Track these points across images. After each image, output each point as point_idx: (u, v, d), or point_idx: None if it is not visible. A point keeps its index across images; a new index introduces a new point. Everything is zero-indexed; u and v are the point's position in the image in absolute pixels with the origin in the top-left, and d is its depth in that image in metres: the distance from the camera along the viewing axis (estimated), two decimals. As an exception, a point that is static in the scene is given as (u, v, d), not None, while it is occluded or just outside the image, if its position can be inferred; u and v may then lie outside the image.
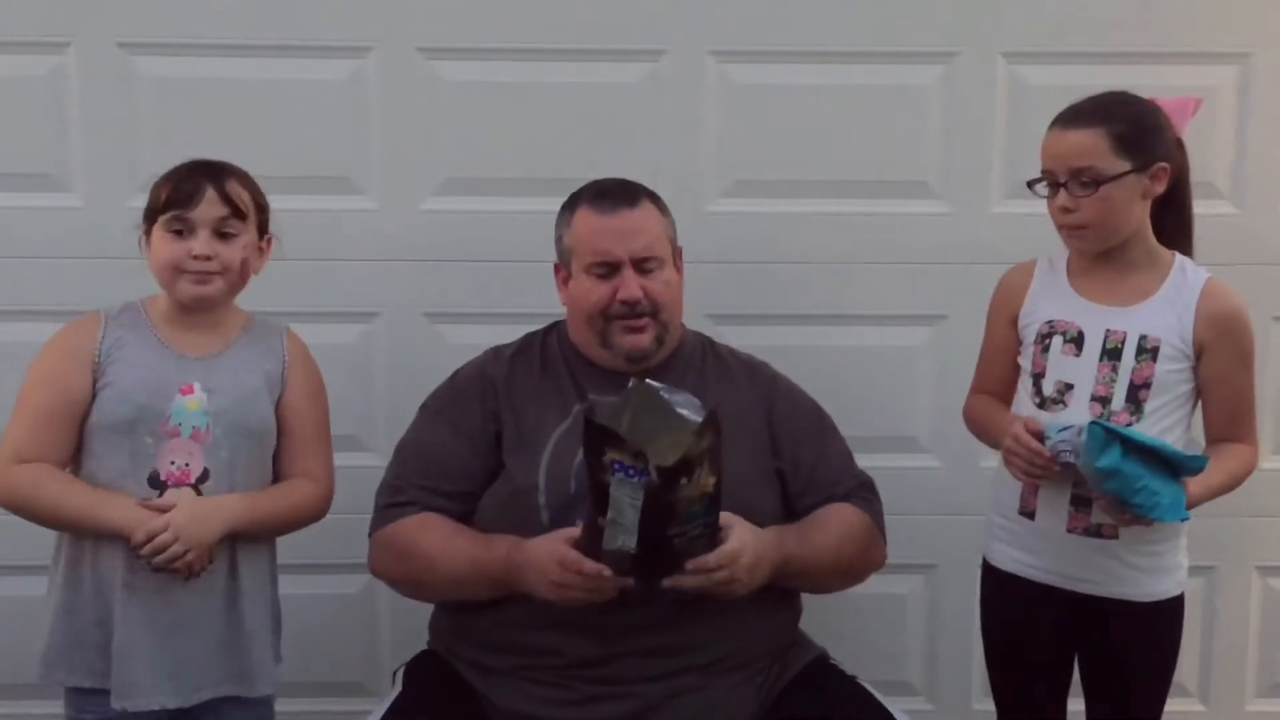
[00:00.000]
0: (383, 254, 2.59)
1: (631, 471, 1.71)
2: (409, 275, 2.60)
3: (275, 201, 2.51)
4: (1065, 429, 1.94)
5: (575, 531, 1.86)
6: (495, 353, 2.19)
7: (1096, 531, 2.01)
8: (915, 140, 2.61)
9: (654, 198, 2.13)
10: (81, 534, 1.97)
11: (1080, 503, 2.01)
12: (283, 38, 2.53)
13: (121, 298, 2.41)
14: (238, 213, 2.00)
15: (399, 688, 2.07)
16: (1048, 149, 2.01)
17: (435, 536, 2.03)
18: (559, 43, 2.55)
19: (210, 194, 1.97)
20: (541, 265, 2.25)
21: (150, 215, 2.00)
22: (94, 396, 1.97)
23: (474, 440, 2.08)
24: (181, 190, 1.97)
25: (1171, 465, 1.89)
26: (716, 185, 2.60)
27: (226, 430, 1.98)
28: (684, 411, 1.79)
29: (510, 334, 2.25)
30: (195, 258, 1.97)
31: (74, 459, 2.00)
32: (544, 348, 2.17)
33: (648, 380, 1.89)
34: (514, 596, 1.95)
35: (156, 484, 1.95)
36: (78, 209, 2.56)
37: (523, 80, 2.56)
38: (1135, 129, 1.97)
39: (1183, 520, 1.92)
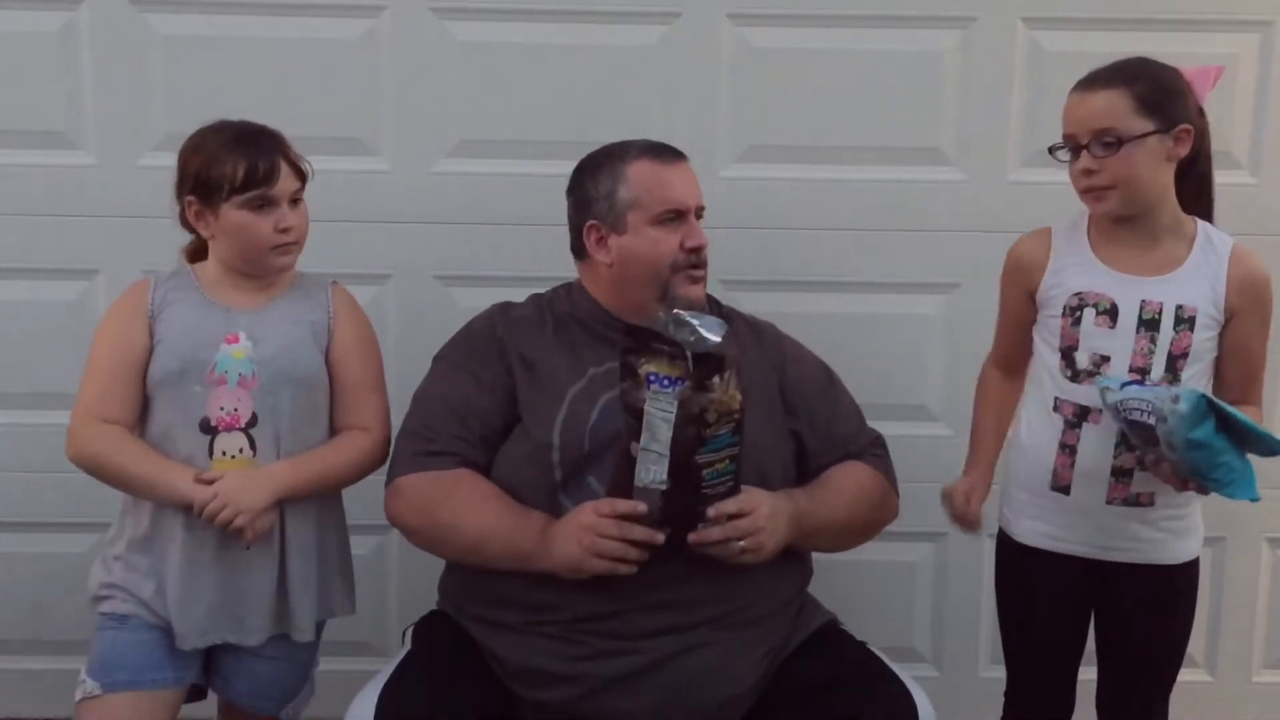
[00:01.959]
0: (394, 216, 2.58)
1: (666, 381, 1.79)
2: (420, 237, 2.59)
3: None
4: (1130, 384, 1.92)
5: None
6: (503, 309, 2.18)
7: (1135, 500, 2.01)
8: (931, 107, 2.59)
9: None
10: (144, 499, 2.05)
11: (1121, 474, 2.00)
12: (295, -4, 2.52)
13: (133, 255, 2.43)
14: (303, 181, 2.07)
15: (409, 646, 2.08)
16: (1069, 112, 1.99)
17: (468, 496, 2.02)
18: (573, 4, 2.53)
19: (284, 168, 2.03)
20: (553, 228, 2.24)
21: (215, 191, 2.00)
22: (151, 352, 2.04)
23: (495, 391, 2.07)
24: (259, 168, 2.00)
25: (1248, 442, 1.86)
26: (730, 150, 2.58)
27: (272, 377, 2.04)
28: (708, 331, 1.85)
29: (520, 297, 2.24)
30: (283, 231, 2.04)
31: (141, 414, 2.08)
32: (553, 311, 2.16)
33: (675, 310, 1.91)
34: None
35: (208, 429, 2.02)
36: (90, 166, 2.55)
37: (536, 42, 2.55)
38: (1158, 90, 1.95)
39: (1253, 500, 1.88)
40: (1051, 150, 2.03)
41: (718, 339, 1.82)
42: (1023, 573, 2.15)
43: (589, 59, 2.55)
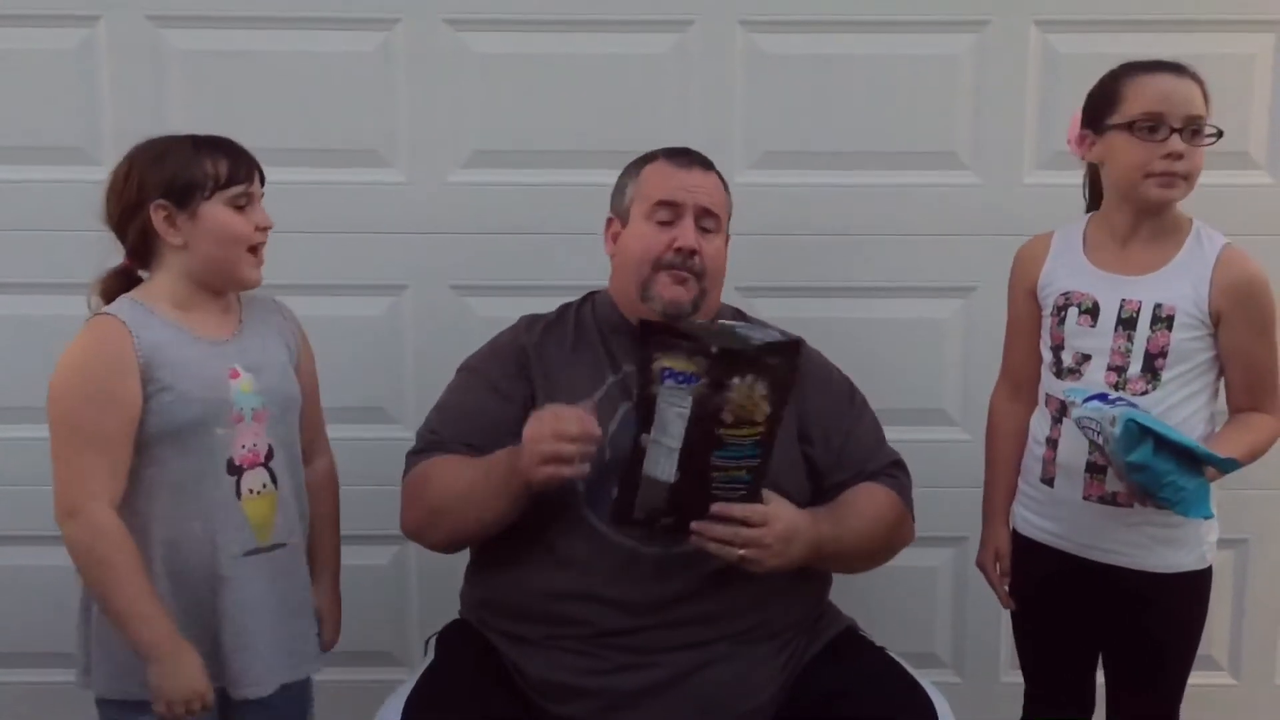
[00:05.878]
0: (410, 226, 2.59)
1: (681, 377, 1.72)
2: (436, 248, 2.60)
3: (303, 174, 2.55)
4: (1092, 398, 1.92)
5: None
6: (529, 321, 2.19)
7: (1112, 500, 2.01)
8: (946, 110, 2.58)
9: (722, 176, 2.16)
10: (113, 622, 1.89)
11: (1096, 470, 2.01)
12: (310, 10, 2.53)
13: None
14: (264, 185, 2.02)
15: (431, 656, 2.09)
16: (1163, 90, 1.96)
17: (448, 466, 2.03)
18: (586, 13, 2.54)
19: (256, 170, 1.99)
20: (569, 237, 2.25)
21: (195, 191, 1.91)
22: (148, 403, 1.88)
23: (510, 400, 2.08)
24: (241, 165, 1.95)
25: (1201, 462, 1.87)
26: (745, 157, 2.58)
27: (279, 406, 1.99)
28: (755, 336, 1.79)
29: (537, 306, 2.24)
30: (262, 230, 1.97)
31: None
32: (578, 318, 2.17)
33: (722, 321, 1.89)
34: (542, 566, 1.97)
35: (234, 470, 1.94)
36: (108, 182, 2.57)
37: (549, 51, 2.55)
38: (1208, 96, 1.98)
39: (1206, 519, 1.90)
40: (1130, 126, 1.96)
41: (758, 341, 1.77)
42: (1026, 566, 2.17)
43: (603, 68, 2.55)
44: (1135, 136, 1.96)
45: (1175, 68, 1.98)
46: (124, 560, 1.85)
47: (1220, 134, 1.97)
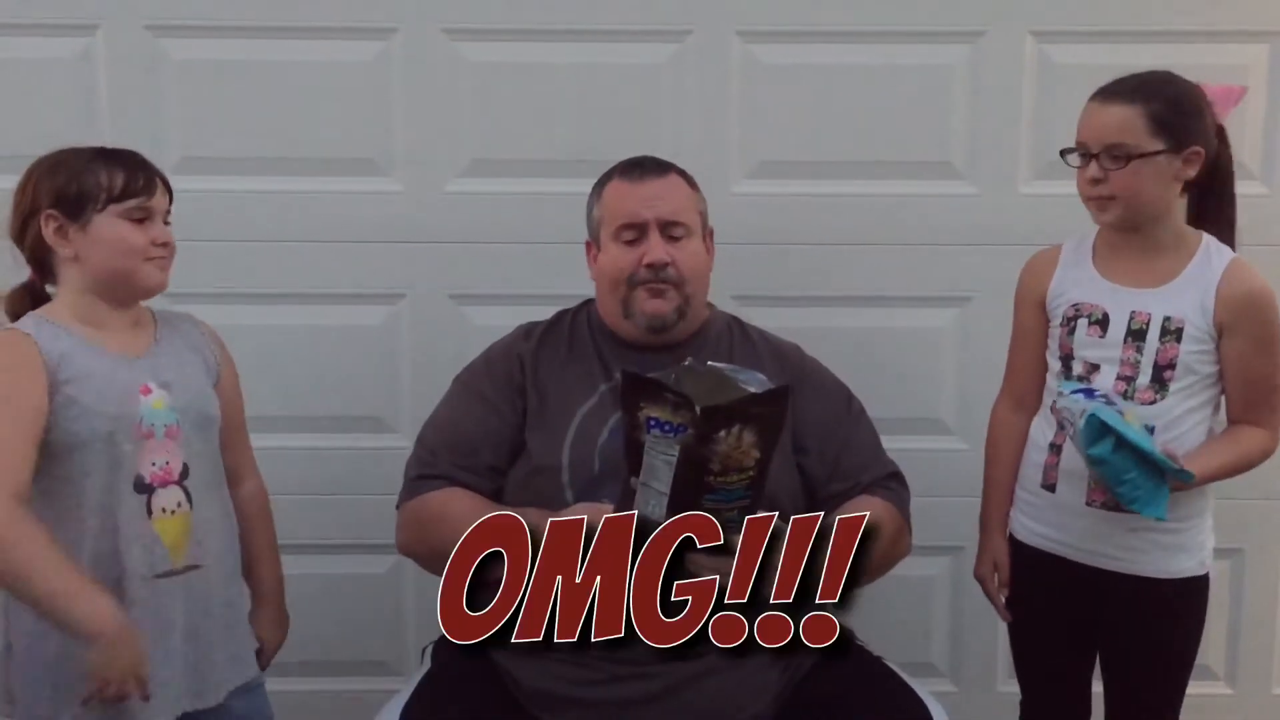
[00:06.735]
0: (407, 236, 2.59)
1: (668, 427, 1.70)
2: (433, 257, 2.60)
3: (300, 183, 2.56)
4: (1078, 391, 1.96)
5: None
6: (527, 329, 2.19)
7: (1115, 505, 2.01)
8: (942, 120, 2.59)
9: (684, 173, 2.15)
10: (40, 612, 1.78)
11: None
12: (308, 19, 2.53)
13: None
14: (171, 201, 1.97)
15: (427, 665, 2.08)
16: (1085, 121, 2.00)
17: (460, 509, 2.03)
18: (584, 23, 2.55)
19: (159, 183, 1.93)
20: (566, 246, 2.25)
21: (87, 202, 1.87)
22: (49, 415, 1.81)
23: (503, 416, 2.08)
24: (138, 177, 1.90)
25: (1161, 468, 1.90)
26: (741, 166, 2.59)
27: (193, 424, 1.92)
28: (747, 386, 1.77)
29: (534, 315, 2.25)
30: (162, 245, 1.91)
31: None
32: (573, 325, 2.17)
33: (710, 362, 1.88)
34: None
35: (143, 488, 1.86)
36: (106, 191, 2.57)
37: (547, 61, 2.56)
38: (1172, 110, 1.96)
39: (1158, 519, 1.92)
40: (1063, 154, 2.03)
41: (743, 390, 1.74)
42: (1023, 572, 2.17)
43: (600, 77, 2.56)
44: (1073, 165, 2.01)
45: (1107, 92, 1.98)
46: (35, 542, 1.72)
47: (1165, 150, 1.95)
